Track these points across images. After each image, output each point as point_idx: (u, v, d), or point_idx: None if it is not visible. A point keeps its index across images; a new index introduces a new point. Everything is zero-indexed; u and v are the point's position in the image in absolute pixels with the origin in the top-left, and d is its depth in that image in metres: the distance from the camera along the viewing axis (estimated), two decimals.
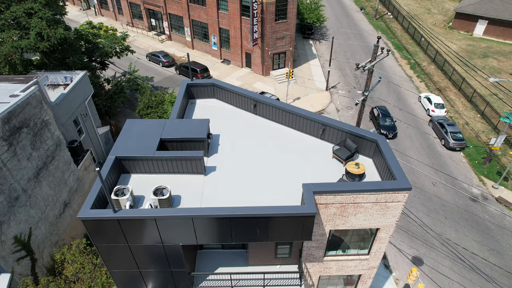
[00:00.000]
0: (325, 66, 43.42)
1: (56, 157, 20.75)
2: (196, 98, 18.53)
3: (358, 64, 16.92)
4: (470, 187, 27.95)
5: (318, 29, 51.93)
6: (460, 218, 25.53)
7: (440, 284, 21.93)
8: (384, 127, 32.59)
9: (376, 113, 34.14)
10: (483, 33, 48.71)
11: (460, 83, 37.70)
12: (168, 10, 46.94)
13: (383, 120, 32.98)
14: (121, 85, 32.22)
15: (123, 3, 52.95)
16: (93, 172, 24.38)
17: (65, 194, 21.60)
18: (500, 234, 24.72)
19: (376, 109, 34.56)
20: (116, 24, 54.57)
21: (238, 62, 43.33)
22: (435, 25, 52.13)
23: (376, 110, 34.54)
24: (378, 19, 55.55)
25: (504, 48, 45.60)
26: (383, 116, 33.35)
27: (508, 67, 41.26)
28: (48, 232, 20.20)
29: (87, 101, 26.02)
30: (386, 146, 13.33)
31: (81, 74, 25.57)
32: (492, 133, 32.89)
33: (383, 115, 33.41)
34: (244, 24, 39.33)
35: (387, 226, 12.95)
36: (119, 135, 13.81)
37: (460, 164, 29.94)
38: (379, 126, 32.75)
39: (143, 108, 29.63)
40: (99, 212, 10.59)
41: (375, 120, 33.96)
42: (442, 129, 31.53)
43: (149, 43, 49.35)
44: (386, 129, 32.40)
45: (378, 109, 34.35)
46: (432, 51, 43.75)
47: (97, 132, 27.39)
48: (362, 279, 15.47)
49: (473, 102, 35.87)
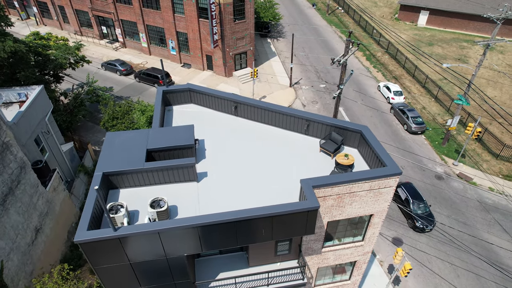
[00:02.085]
0: (285, 63, 44.17)
1: (21, 181, 19.19)
2: (173, 104, 18.04)
3: (333, 58, 17.53)
4: (434, 167, 29.96)
5: (274, 27, 52.69)
6: (430, 196, 27.28)
7: (420, 260, 23.31)
8: (420, 217, 24.31)
9: (403, 196, 25.40)
10: (426, 22, 52.28)
11: (413, 71, 40.21)
12: (120, 16, 45.07)
13: (415, 207, 24.67)
14: (81, 98, 30.46)
15: (68, 10, 49.99)
16: (63, 192, 22.85)
17: (36, 219, 20.05)
18: (464, 207, 26.76)
19: (401, 189, 25.70)
20: (62, 33, 51.40)
21: (199, 65, 42.74)
22: (383, 17, 55.08)
23: (401, 190, 25.68)
24: (330, 14, 57.56)
25: (445, 36, 49.27)
26: (413, 199, 24.94)
27: (451, 53, 44.68)
28: (21, 263, 18.64)
29: (47, 118, 24.31)
30: (371, 136, 13.90)
31: (38, 89, 23.85)
32: (447, 115, 35.47)
33: (413, 198, 25.00)
34: (202, 26, 38.86)
35: (380, 211, 13.52)
36: (101, 150, 13.09)
37: (423, 146, 31.98)
38: (411, 216, 24.48)
39: (108, 120, 28.24)
40: (97, 232, 9.97)
41: (403, 205, 25.38)
42: (403, 115, 33.44)
43: (102, 51, 47.09)
44: (421, 220, 24.20)
45: (404, 188, 25.61)
46: (385, 42, 46.20)
47: (61, 149, 25.69)
48: (357, 265, 16.02)
49: (427, 88, 38.44)
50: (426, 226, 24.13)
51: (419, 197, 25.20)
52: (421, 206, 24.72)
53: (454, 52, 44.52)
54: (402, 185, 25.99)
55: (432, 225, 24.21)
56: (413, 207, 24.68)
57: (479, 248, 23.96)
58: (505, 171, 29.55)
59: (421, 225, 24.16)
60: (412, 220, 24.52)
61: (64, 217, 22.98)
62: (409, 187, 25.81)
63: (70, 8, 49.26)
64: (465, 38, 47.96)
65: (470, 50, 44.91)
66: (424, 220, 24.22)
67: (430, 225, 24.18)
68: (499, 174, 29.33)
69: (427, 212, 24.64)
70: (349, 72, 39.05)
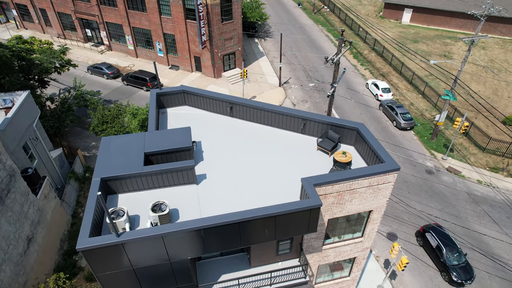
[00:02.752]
0: (274, 62, 44.28)
1: (12, 190, 18.66)
2: (167, 107, 17.85)
3: (327, 57, 17.70)
4: (424, 162, 30.52)
5: (261, 27, 52.76)
6: (421, 191, 27.79)
7: (414, 253, 23.70)
8: (455, 269, 21.30)
9: (433, 243, 22.43)
10: (410, 20, 53.22)
11: (400, 68, 40.87)
12: (105, 18, 44.34)
13: (449, 257, 21.65)
14: (68, 103, 29.82)
15: (50, 13, 48.89)
16: (54, 200, 22.33)
17: (27, 228, 19.53)
18: (455, 200, 27.35)
19: (431, 234, 22.75)
20: (45, 37, 50.26)
21: (188, 66, 42.43)
22: (368, 15, 55.80)
23: (430, 236, 22.78)
24: (316, 13, 57.99)
25: (429, 33, 50.25)
26: (445, 246, 21.89)
27: (436, 49, 45.60)
28: (14, 274, 18.12)
29: (35, 124, 23.72)
30: (368, 133, 14.06)
31: (24, 94, 23.26)
32: (434, 110, 36.18)
33: (445, 245, 21.93)
34: (190, 28, 38.59)
35: (379, 207, 13.69)
36: (98, 155, 12.84)
37: (412, 142, 32.54)
38: (446, 268, 21.53)
39: (97, 124, 27.73)
40: (100, 239, 9.78)
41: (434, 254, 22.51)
42: (392, 111, 33.95)
43: (87, 55, 46.23)
44: (458, 272, 21.19)
45: (434, 234, 22.63)
46: (371, 39, 46.80)
47: (50, 156, 25.11)
48: (356, 261, 16.17)
49: (414, 84, 39.12)
50: (464, 281, 20.74)
51: (452, 244, 22.10)
52: (455, 254, 21.72)
53: (439, 49, 45.45)
54: (431, 230, 22.89)
55: (471, 279, 20.94)
56: (447, 257, 21.62)
57: (471, 239, 24.52)
58: (491, 163, 30.33)
59: (457, 278, 20.90)
60: (447, 272, 21.43)
61: (56, 225, 22.47)
62: (440, 232, 22.65)
63: (52, 11, 48.20)
64: (448, 34, 49.02)
65: (453, 46, 45.93)
66: (461, 272, 21.11)
67: (469, 279, 20.91)
68: (486, 167, 30.09)
69: (464, 262, 21.52)
70: (341, 71, 39.49)
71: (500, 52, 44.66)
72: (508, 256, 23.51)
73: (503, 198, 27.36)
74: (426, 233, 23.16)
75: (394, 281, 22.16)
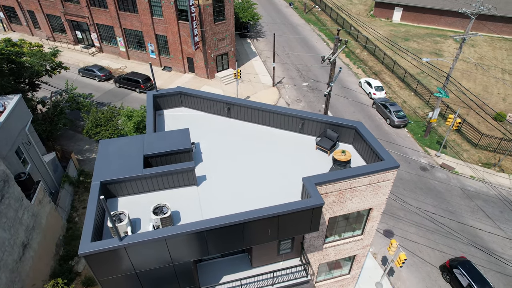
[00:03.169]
0: (267, 62, 44.30)
1: (5, 195, 18.32)
2: (163, 108, 17.72)
3: (323, 57, 17.75)
4: (419, 159, 30.86)
5: (254, 27, 52.74)
6: (416, 188, 28.09)
7: (411, 249, 23.96)
8: None
9: (464, 283, 20.39)
10: (401, 19, 53.75)
11: (392, 66, 41.24)
12: (95, 20, 43.82)
13: None
14: (60, 106, 29.40)
15: (38, 15, 48.13)
16: (48, 205, 21.99)
17: (22, 234, 19.20)
18: (449, 196, 27.71)
19: (460, 271, 20.81)
20: (33, 39, 49.47)
21: (180, 68, 42.20)
22: (359, 14, 56.21)
23: (459, 273, 20.81)
24: (308, 12, 58.19)
25: (419, 31, 50.82)
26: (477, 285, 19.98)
27: (426, 47, 46.14)
28: (9, 281, 17.80)
29: (27, 128, 23.34)
30: (366, 131, 14.14)
31: (16, 98, 22.87)
32: (426, 108, 36.61)
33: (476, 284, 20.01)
34: (182, 29, 38.38)
35: (378, 205, 13.78)
36: (97, 158, 12.68)
37: (406, 139, 32.87)
38: None
39: (91, 127, 27.43)
40: (102, 243, 9.65)
41: None
42: (385, 109, 34.24)
43: (78, 57, 45.65)
44: None
45: (463, 270, 20.70)
46: (362, 38, 47.14)
47: (43, 160, 24.73)
48: (356, 259, 16.27)
49: (406, 82, 39.52)
50: None
51: (483, 282, 20.02)
52: None
53: (429, 47, 45.99)
54: (460, 266, 20.77)
55: None
56: None
57: (465, 234, 24.86)
58: (483, 159, 30.80)
59: None
60: None
61: (51, 230, 22.14)
62: (469, 268, 20.61)
63: (41, 13, 47.46)
64: (438, 33, 49.64)
65: (443, 44, 46.52)
66: None
67: None
68: (479, 163, 30.55)
69: None
70: (337, 70, 39.66)
71: (488, 50, 45.40)
72: (502, 249, 23.90)
73: (495, 193, 27.81)
74: (454, 269, 21.20)
75: (392, 277, 22.36)
